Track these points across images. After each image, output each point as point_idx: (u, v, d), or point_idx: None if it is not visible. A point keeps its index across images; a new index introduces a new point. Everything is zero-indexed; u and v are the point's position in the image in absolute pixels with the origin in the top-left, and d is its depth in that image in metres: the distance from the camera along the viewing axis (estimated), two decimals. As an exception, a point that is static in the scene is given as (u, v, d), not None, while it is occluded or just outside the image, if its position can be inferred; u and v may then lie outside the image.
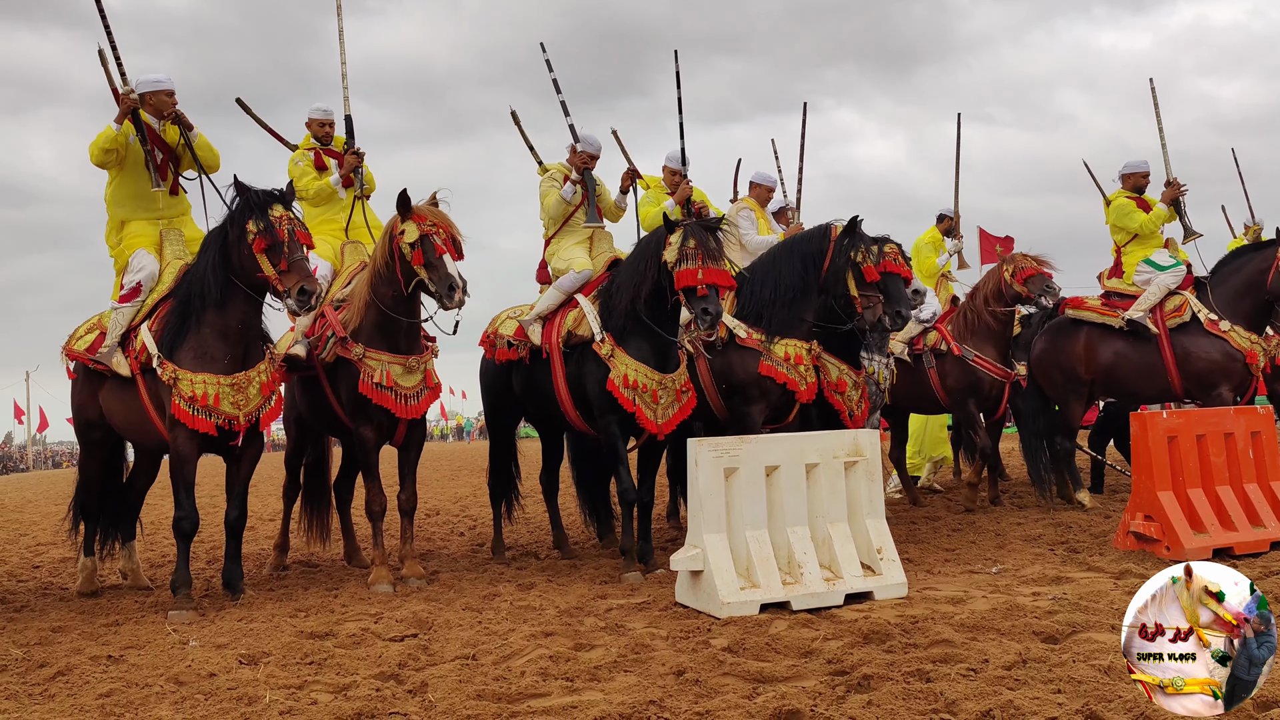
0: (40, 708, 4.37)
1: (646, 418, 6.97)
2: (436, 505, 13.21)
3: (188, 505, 6.53)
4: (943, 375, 10.00)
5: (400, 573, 7.08)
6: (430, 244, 6.62)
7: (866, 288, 7.43)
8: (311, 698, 4.20)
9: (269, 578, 7.86)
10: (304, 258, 6.39)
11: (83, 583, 7.57)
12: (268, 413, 6.69)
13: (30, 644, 5.67)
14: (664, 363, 7.06)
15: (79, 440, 7.93)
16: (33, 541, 11.86)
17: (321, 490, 8.48)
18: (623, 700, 3.90)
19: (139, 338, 6.70)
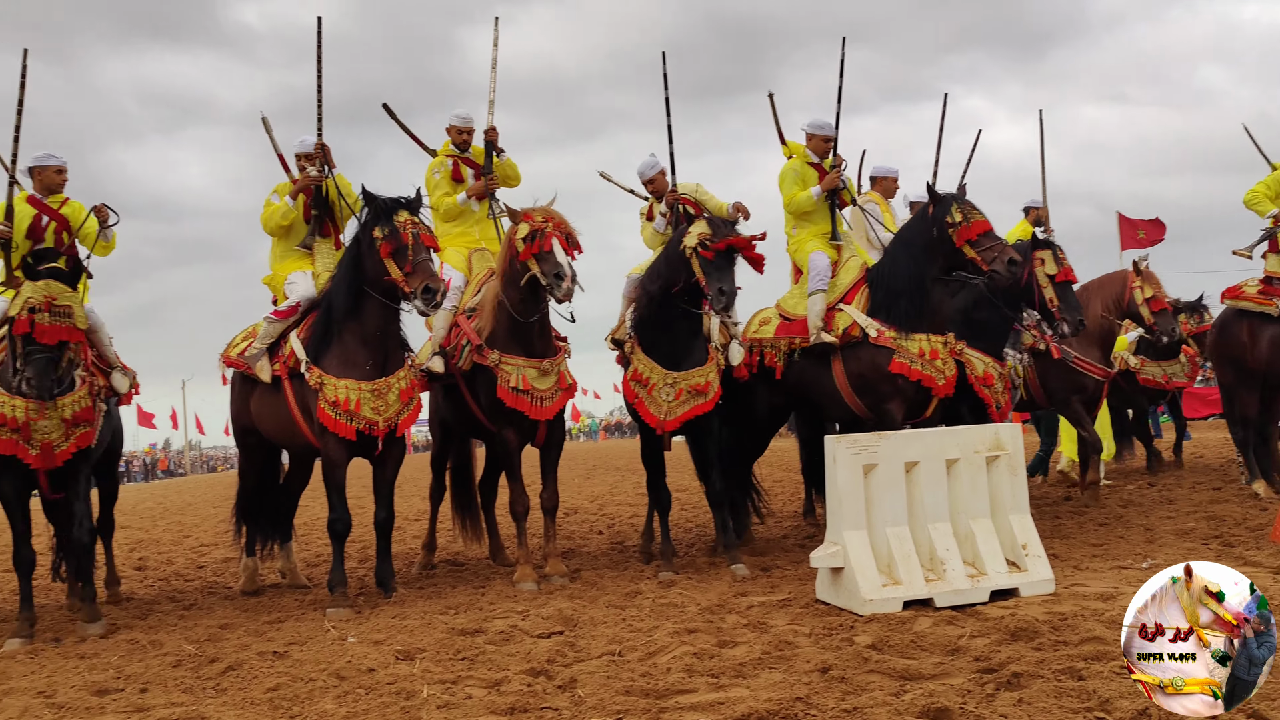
0: (214, 700, 4.63)
1: (650, 412, 7.25)
2: (574, 504, 13.44)
3: (340, 508, 6.83)
4: (1042, 375, 9.66)
5: (543, 570, 7.24)
6: (540, 237, 6.78)
7: (977, 245, 7.22)
8: (466, 692, 4.35)
9: (418, 576, 8.15)
10: (429, 259, 6.62)
11: (245, 582, 7.99)
12: (406, 418, 6.94)
13: (201, 640, 6.01)
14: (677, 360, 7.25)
15: (238, 445, 8.38)
16: (196, 543, 12.56)
17: (467, 491, 8.74)
18: (769, 697, 3.92)
19: (288, 344, 7.03)
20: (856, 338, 7.51)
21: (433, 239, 6.82)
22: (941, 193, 7.49)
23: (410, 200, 6.77)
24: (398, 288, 6.56)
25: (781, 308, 8.19)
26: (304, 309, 7.17)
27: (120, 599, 8.06)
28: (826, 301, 7.70)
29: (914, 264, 7.42)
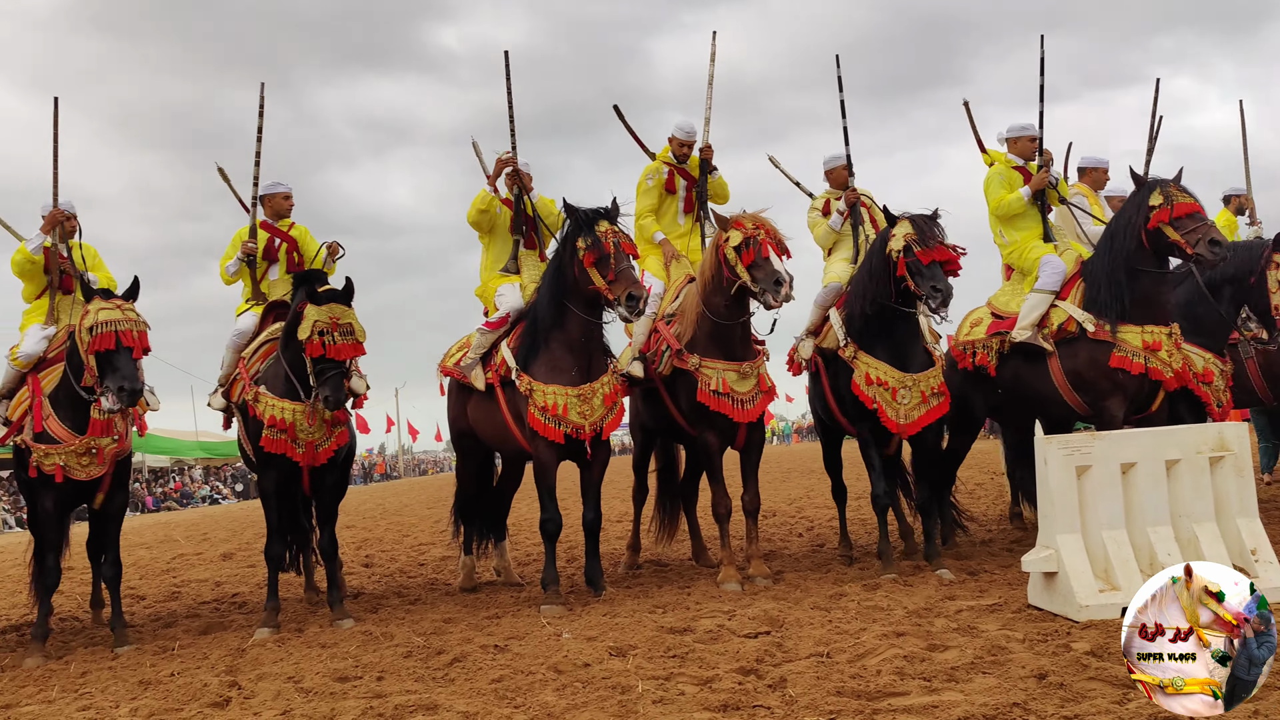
0: (444, 690, 4.95)
1: (889, 417, 7.12)
2: (772, 507, 13.46)
3: (551, 508, 7.13)
4: (1267, 367, 8.94)
5: (747, 572, 7.34)
6: (754, 245, 6.87)
7: (1179, 226, 6.83)
8: (679, 689, 4.50)
9: (624, 575, 8.40)
10: (631, 267, 6.84)
11: (463, 579, 8.44)
12: (610, 422, 7.18)
13: (427, 633, 6.40)
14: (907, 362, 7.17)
15: (455, 449, 8.85)
16: (415, 541, 13.29)
17: (670, 493, 8.94)
18: (984, 702, 3.88)
19: (499, 354, 7.40)
20: (1072, 333, 7.27)
21: (633, 247, 7.02)
22: (1148, 177, 7.18)
23: (609, 210, 7.01)
24: (601, 296, 6.80)
25: (993, 305, 8.02)
26: (513, 319, 7.51)
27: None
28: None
29: (1117, 252, 7.13)
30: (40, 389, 7.06)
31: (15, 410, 7.16)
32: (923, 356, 7.33)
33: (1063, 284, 7.52)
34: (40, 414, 6.90)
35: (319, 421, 6.94)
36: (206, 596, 9.43)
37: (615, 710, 4.26)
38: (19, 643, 7.59)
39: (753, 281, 6.87)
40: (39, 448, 6.80)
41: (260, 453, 7.04)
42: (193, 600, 9.24)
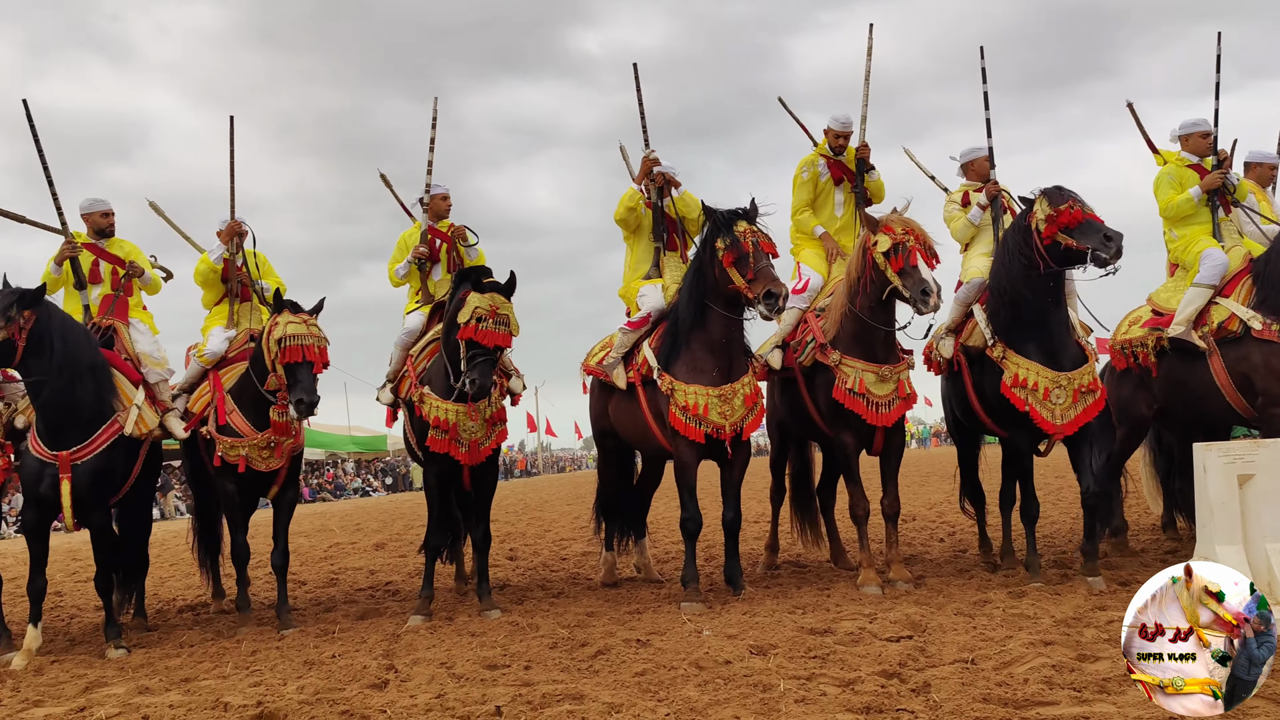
0: (589, 681, 5.08)
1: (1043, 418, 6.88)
2: (912, 511, 13.28)
3: (692, 507, 7.22)
4: None
5: (887, 575, 7.28)
6: (903, 251, 6.82)
7: None
8: (820, 689, 4.52)
9: (763, 575, 8.43)
10: (770, 265, 6.85)
11: (605, 574, 8.62)
12: (750, 422, 7.21)
13: (571, 625, 6.58)
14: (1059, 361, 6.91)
15: (597, 447, 9.04)
16: (556, 537, 13.60)
17: (806, 495, 8.93)
18: (1139, 715, 3.78)
19: (641, 353, 7.52)
20: (1234, 332, 6.96)
21: (772, 246, 7.05)
22: None
23: (748, 210, 7.06)
24: (741, 295, 6.85)
25: (1154, 301, 7.76)
26: (655, 319, 7.63)
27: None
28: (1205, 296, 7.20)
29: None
30: (221, 385, 7.63)
31: (196, 403, 7.73)
32: (1075, 351, 7.06)
33: (1225, 280, 7.21)
34: (223, 409, 7.46)
35: (480, 420, 7.18)
36: (362, 584, 9.88)
37: (757, 708, 4.32)
38: (194, 621, 8.12)
39: (902, 288, 6.83)
40: (224, 439, 7.36)
41: (425, 449, 7.34)
42: (349, 587, 9.71)
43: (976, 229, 7.86)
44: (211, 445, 7.47)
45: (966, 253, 7.96)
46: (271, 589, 8.06)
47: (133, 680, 5.81)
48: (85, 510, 6.83)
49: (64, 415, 6.68)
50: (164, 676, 5.86)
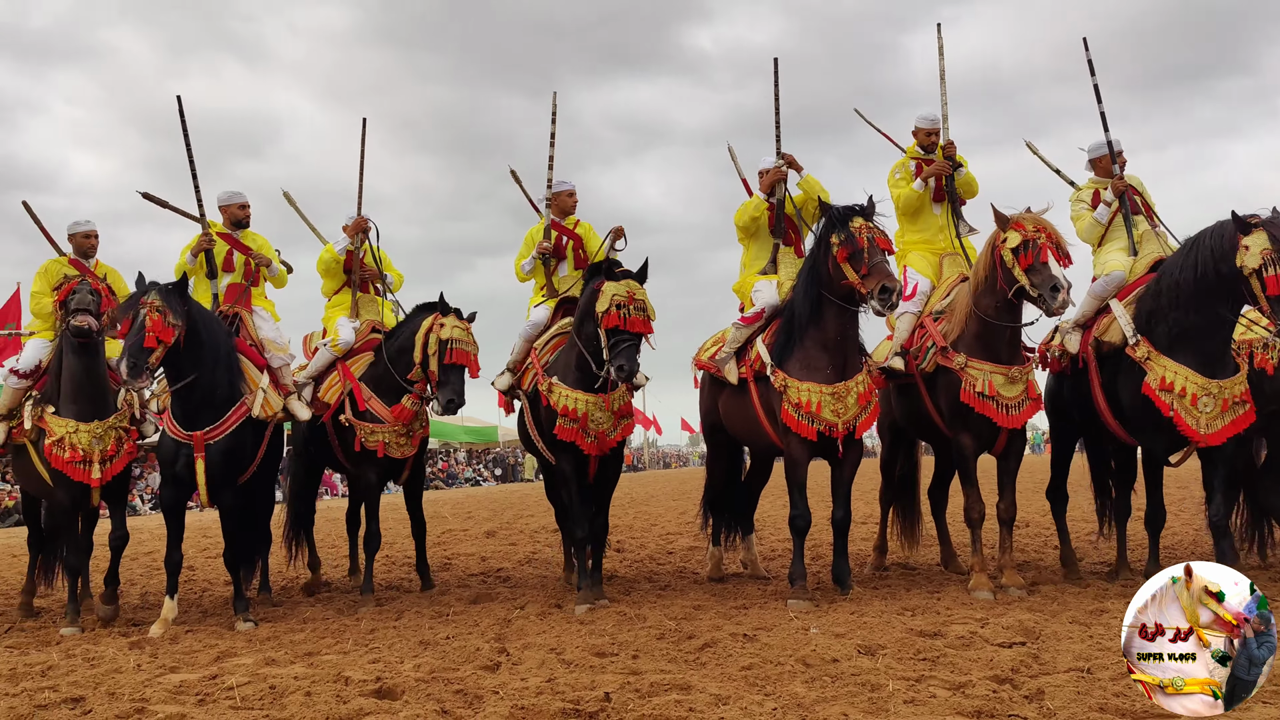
0: (696, 672, 5.13)
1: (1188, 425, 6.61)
2: (1025, 517, 12.93)
3: (801, 505, 7.20)
4: None
5: (999, 581, 7.14)
6: (1034, 248, 6.68)
7: None
8: (930, 691, 4.48)
9: (870, 576, 8.36)
10: (884, 261, 6.78)
11: (711, 569, 8.65)
12: (864, 421, 7.15)
13: (678, 618, 6.63)
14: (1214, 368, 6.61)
15: (706, 442, 9.07)
16: (663, 531, 13.69)
17: (912, 497, 8.82)
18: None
19: (754, 349, 7.52)
20: None
21: (888, 242, 6.99)
22: None
23: (864, 207, 7.01)
24: (855, 291, 6.80)
25: None
26: (768, 315, 7.62)
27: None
28: None
29: None
30: (351, 374, 8.01)
31: (328, 392, 8.09)
32: (1232, 362, 6.80)
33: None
34: (360, 395, 7.91)
35: (609, 412, 7.27)
36: (474, 569, 10.13)
37: (865, 707, 4.31)
38: (319, 599, 8.44)
39: (1030, 286, 6.69)
40: (365, 425, 7.81)
41: (554, 440, 7.43)
42: (462, 572, 9.96)
43: (1103, 227, 7.64)
44: (342, 432, 7.88)
45: (1101, 248, 7.73)
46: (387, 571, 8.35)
47: (260, 652, 6.09)
48: (217, 488, 7.19)
49: (200, 399, 7.05)
50: (289, 650, 6.13)
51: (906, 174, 8.14)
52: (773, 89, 8.12)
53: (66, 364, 7.37)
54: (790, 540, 7.48)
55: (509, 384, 8.18)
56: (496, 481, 42.72)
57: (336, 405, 7.98)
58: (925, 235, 8.13)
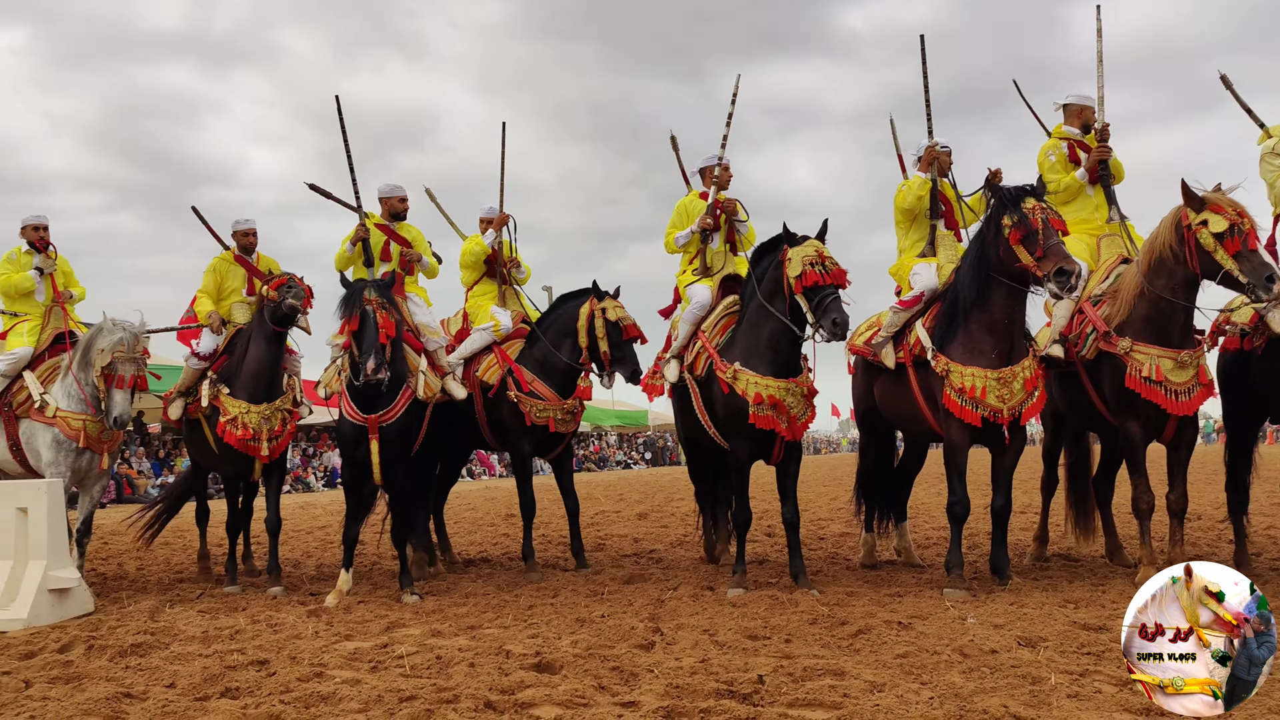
0: (849, 659, 5.12)
1: None
2: (1197, 509, 12.32)
3: (960, 491, 7.05)
4: None
5: (1171, 575, 6.84)
6: (1240, 233, 6.36)
7: None
8: (1095, 686, 4.36)
9: (1030, 567, 8.13)
10: (1060, 243, 6.54)
11: (864, 556, 8.58)
12: (1030, 407, 6.94)
13: (831, 604, 6.62)
14: None
15: (859, 428, 8.98)
16: (814, 516, 13.61)
17: (1082, 487, 8.51)
18: None
19: (914, 333, 7.38)
20: None
21: (1061, 223, 6.76)
22: None
23: (1034, 187, 6.81)
24: (1029, 273, 6.60)
25: None
26: (928, 299, 7.47)
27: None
28: None
29: None
30: (509, 357, 8.53)
31: (487, 373, 8.56)
32: None
33: None
34: (523, 378, 8.48)
35: (798, 395, 7.23)
36: (627, 550, 10.32)
37: (1026, 699, 4.22)
38: (479, 575, 8.77)
39: (1240, 273, 6.34)
40: (534, 403, 8.39)
41: (728, 424, 7.39)
42: (615, 552, 10.16)
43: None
44: (494, 410, 8.48)
45: None
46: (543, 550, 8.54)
47: (426, 624, 6.38)
48: (390, 467, 7.53)
49: (375, 383, 7.33)
50: (453, 622, 6.40)
51: (1061, 157, 7.88)
52: (921, 67, 7.95)
53: (252, 350, 8.06)
54: (946, 528, 7.33)
55: (679, 372, 8.01)
56: (647, 465, 43.21)
57: (498, 385, 8.45)
58: (1081, 215, 7.83)
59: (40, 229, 8.60)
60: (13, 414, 8.09)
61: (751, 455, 7.46)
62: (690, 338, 7.99)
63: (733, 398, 7.25)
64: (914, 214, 7.81)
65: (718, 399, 7.45)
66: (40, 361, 8.26)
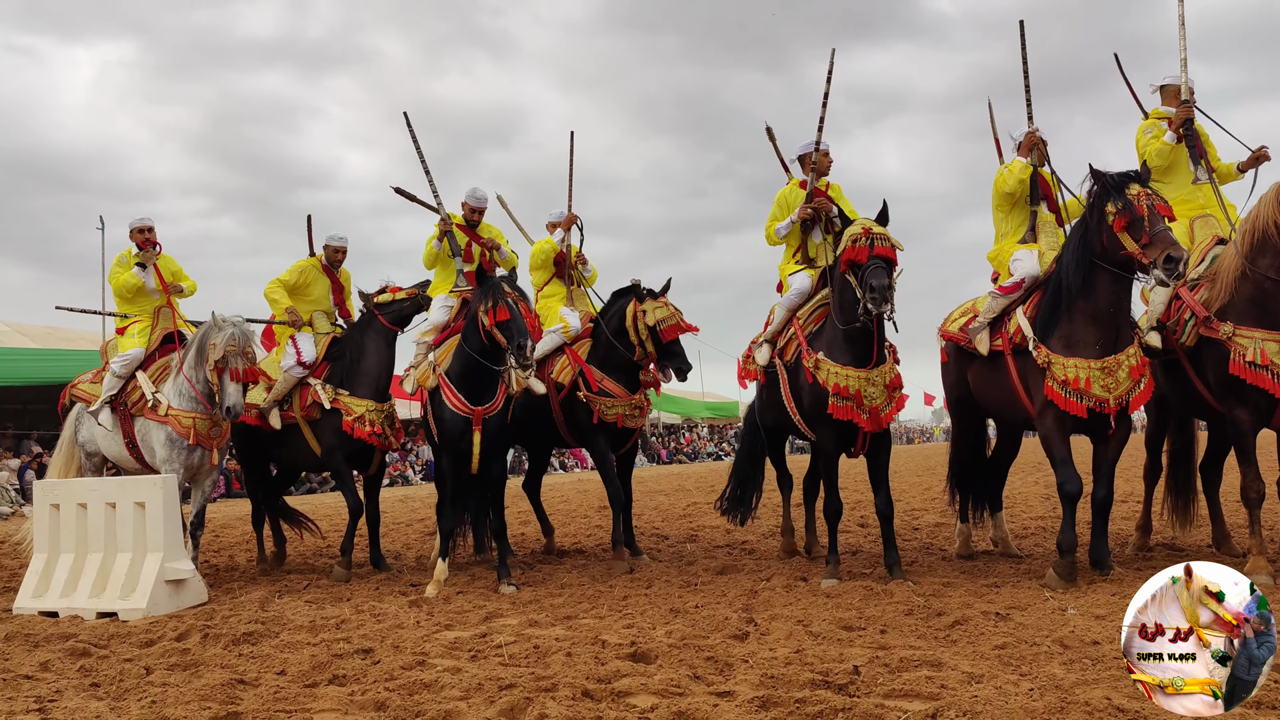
0: (946, 649, 5.07)
1: None
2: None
3: (1069, 471, 6.86)
4: None
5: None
6: None
7: None
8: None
9: (1132, 557, 7.94)
10: (1167, 229, 6.36)
11: (960, 546, 8.46)
12: (1138, 395, 6.76)
13: (926, 594, 6.56)
14: None
15: (951, 416, 8.85)
16: (907, 507, 13.47)
17: (1187, 475, 8.27)
18: None
19: (1014, 320, 7.22)
20: None
21: (1168, 209, 6.57)
22: None
23: (1139, 173, 6.64)
24: (1134, 261, 6.44)
25: None
26: (1028, 286, 7.33)
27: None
28: None
29: None
30: (579, 357, 8.81)
31: (560, 374, 8.87)
32: None
33: None
34: (593, 376, 8.71)
35: (880, 386, 7.17)
36: (720, 541, 10.36)
37: (1131, 691, 4.12)
38: (574, 566, 8.89)
39: None
40: (604, 400, 8.61)
41: (813, 414, 7.40)
42: (708, 544, 10.21)
43: None
44: (570, 409, 8.79)
45: None
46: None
47: (523, 614, 6.50)
48: (489, 459, 7.77)
49: (481, 377, 7.60)
50: (550, 613, 6.51)
51: (1158, 130, 7.70)
52: (1021, 53, 7.78)
53: (370, 353, 8.62)
54: (1044, 518, 7.19)
55: (769, 357, 8.05)
56: (737, 456, 43.11)
57: (570, 385, 8.74)
58: (1179, 196, 7.59)
59: (145, 230, 8.96)
60: (128, 413, 8.46)
61: (837, 445, 7.44)
62: (785, 324, 7.94)
63: (815, 387, 7.26)
64: (1015, 199, 7.64)
65: (803, 387, 7.47)
66: (151, 361, 8.62)
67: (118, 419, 8.54)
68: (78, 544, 7.39)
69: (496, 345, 7.36)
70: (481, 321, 7.36)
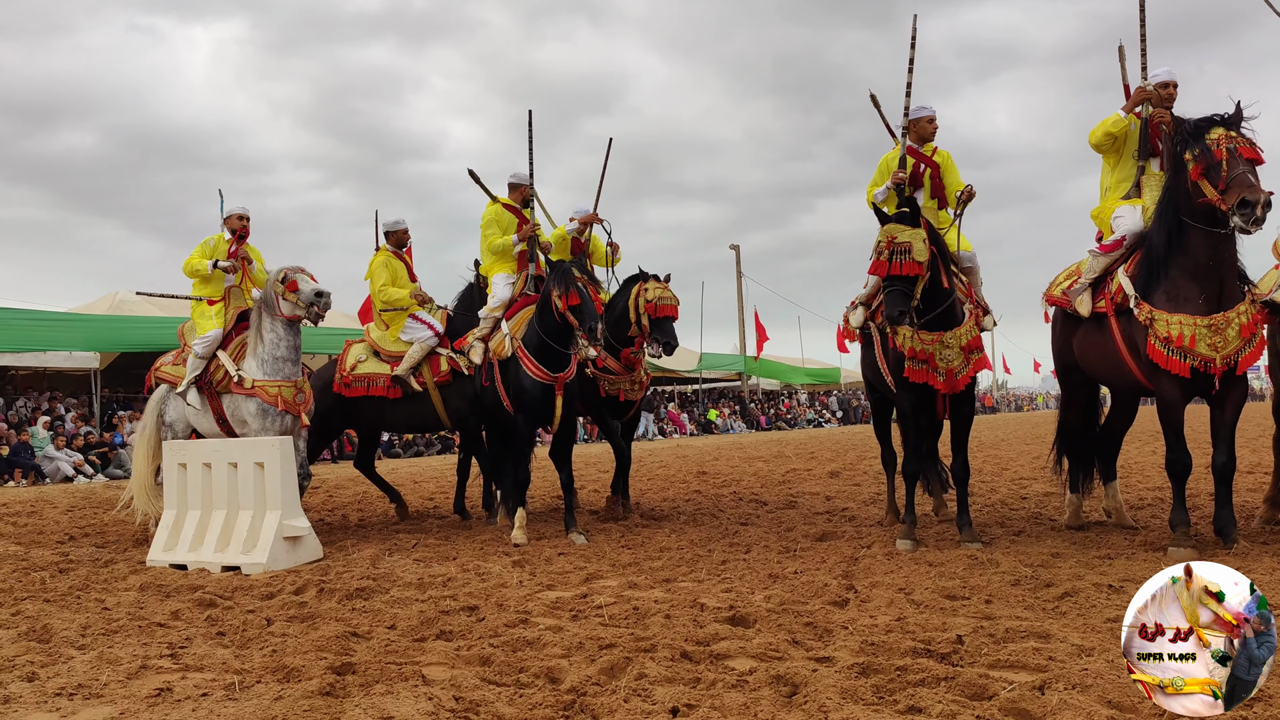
0: (1055, 621, 4.95)
1: None
2: None
3: (1178, 448, 6.66)
4: None
5: None
6: None
7: None
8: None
9: (1259, 531, 7.62)
10: (1246, 172, 6.03)
11: (1070, 517, 8.23)
12: (1247, 355, 6.45)
13: (1034, 565, 6.41)
14: None
15: (1059, 382, 8.60)
16: (1015, 475, 13.16)
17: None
18: None
19: (1116, 280, 6.97)
20: None
21: (1252, 150, 6.18)
22: None
23: (1226, 116, 6.28)
24: (1215, 208, 6.15)
25: None
26: (1130, 243, 7.06)
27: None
28: None
29: None
30: None
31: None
32: None
33: None
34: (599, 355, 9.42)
35: (955, 348, 7.15)
36: (819, 508, 10.28)
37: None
38: (672, 530, 8.93)
39: None
40: (606, 377, 9.59)
41: (899, 378, 7.45)
42: (807, 510, 10.14)
43: None
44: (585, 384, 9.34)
45: None
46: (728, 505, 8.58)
47: (623, 576, 6.57)
48: (566, 420, 8.54)
49: (557, 349, 8.40)
50: (649, 575, 6.57)
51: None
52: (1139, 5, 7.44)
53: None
54: (1161, 488, 6.95)
55: (863, 319, 8.19)
56: (839, 423, 42.68)
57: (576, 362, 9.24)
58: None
59: (244, 219, 9.23)
60: (214, 391, 8.75)
61: (915, 407, 7.52)
62: (878, 287, 7.79)
63: (896, 351, 7.35)
64: (1106, 149, 7.35)
65: (889, 350, 7.56)
66: (229, 340, 8.89)
67: (205, 398, 8.85)
68: (203, 501, 7.75)
69: (569, 324, 8.20)
70: (555, 304, 8.16)
